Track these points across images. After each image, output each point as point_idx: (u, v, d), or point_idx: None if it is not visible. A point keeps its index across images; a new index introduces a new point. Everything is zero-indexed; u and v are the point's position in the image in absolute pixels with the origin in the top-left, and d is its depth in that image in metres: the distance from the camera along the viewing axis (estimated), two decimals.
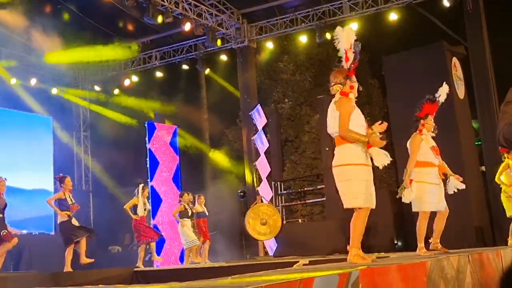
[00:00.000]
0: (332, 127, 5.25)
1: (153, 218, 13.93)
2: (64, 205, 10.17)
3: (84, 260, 10.24)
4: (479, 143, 14.34)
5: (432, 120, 7.22)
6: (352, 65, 5.29)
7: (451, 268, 4.89)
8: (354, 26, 14.04)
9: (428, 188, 7.02)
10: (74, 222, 10.18)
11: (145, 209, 11.67)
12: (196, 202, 12.82)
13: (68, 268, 10.06)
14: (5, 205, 9.87)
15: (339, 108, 5.19)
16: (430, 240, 7.25)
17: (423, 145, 7.06)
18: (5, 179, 10.08)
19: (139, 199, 11.50)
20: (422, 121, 7.14)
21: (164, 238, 13.14)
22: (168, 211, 14.44)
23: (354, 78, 5.31)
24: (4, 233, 9.64)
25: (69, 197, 10.28)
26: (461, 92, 13.53)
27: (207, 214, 12.92)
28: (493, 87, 13.27)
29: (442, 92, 7.25)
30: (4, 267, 10.07)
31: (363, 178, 5.07)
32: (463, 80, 13.83)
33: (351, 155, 5.09)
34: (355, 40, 5.33)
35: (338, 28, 5.35)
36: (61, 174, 10.78)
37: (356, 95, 5.30)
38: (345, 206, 5.26)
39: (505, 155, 9.90)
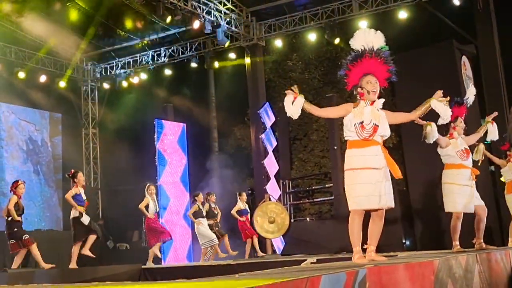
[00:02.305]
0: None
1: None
2: (79, 200, 10.07)
3: (86, 251, 10.13)
4: (488, 142, 14.26)
5: (462, 122, 7.20)
6: (346, 82, 5.38)
7: (459, 267, 4.87)
8: (363, 24, 14.03)
9: (457, 189, 7.07)
10: (85, 219, 10.03)
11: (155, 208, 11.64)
12: (238, 200, 13.02)
13: (73, 265, 10.04)
14: (23, 209, 9.73)
15: None
16: (473, 241, 7.27)
17: (450, 149, 7.07)
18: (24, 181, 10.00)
19: (148, 199, 11.50)
20: (452, 124, 7.09)
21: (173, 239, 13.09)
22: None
23: (360, 84, 5.26)
24: (26, 237, 9.54)
25: (83, 192, 10.23)
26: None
27: (248, 211, 13.06)
28: (502, 86, 13.21)
29: (470, 94, 7.27)
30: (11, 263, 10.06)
31: (355, 182, 5.05)
32: (473, 79, 13.77)
33: (346, 162, 5.19)
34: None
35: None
36: (72, 170, 10.66)
37: (372, 98, 5.23)
38: None
39: (507, 152, 9.93)
